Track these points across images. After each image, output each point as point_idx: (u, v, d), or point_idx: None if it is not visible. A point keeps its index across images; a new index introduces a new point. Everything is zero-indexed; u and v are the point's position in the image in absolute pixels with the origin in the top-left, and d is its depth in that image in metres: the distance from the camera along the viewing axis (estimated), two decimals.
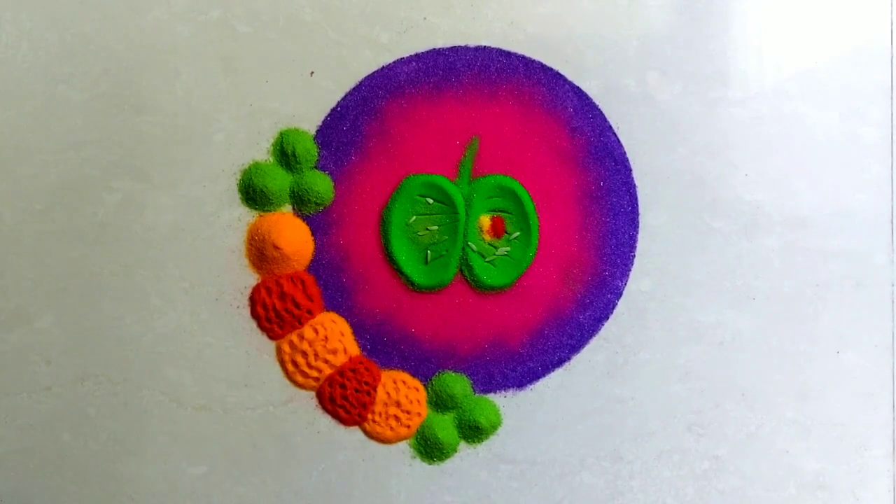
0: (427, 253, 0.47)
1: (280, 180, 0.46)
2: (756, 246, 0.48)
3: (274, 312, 0.46)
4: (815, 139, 0.48)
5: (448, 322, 0.47)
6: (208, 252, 0.46)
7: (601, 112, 0.47)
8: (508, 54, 0.47)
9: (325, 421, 0.47)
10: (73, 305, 0.45)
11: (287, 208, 0.46)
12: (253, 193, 0.46)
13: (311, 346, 0.46)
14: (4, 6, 0.45)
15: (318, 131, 0.46)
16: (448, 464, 0.47)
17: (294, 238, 0.46)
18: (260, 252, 0.46)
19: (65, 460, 0.46)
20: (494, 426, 0.47)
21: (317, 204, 0.46)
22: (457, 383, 0.47)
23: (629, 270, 0.48)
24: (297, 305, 0.46)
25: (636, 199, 0.48)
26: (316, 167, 0.46)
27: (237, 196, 0.46)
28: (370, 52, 0.46)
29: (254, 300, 0.46)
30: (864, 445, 0.49)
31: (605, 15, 0.47)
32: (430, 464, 0.47)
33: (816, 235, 0.48)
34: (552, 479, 0.48)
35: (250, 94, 0.46)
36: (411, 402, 0.47)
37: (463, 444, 0.47)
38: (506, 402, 0.47)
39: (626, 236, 0.48)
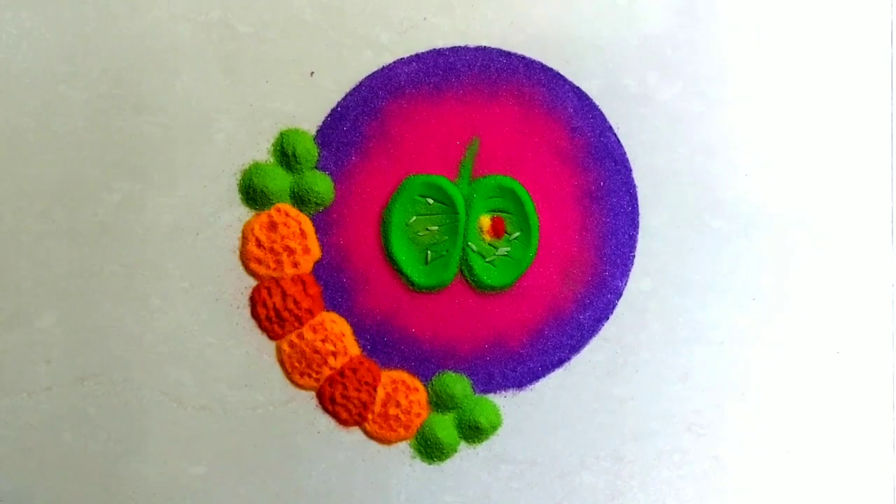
0: (427, 253, 0.47)
1: (280, 180, 0.46)
2: (756, 246, 0.48)
3: (274, 312, 0.46)
4: (815, 139, 0.48)
5: (448, 322, 0.47)
6: (208, 252, 0.46)
7: (601, 112, 0.47)
8: (508, 54, 0.47)
9: (325, 421, 0.47)
10: (74, 305, 0.46)
11: None
12: (253, 193, 0.46)
13: (310, 346, 0.46)
14: (4, 6, 0.45)
15: (318, 131, 0.46)
16: (448, 464, 0.47)
17: None
18: None
19: (65, 460, 0.46)
20: (494, 426, 0.47)
21: (317, 204, 0.46)
22: (457, 383, 0.47)
23: (629, 270, 0.48)
24: (298, 305, 0.46)
25: (636, 199, 0.48)
26: (316, 167, 0.46)
27: (237, 196, 0.46)
28: (370, 52, 0.46)
29: (254, 300, 0.46)
30: (864, 445, 0.49)
31: (605, 15, 0.47)
32: (430, 464, 0.47)
33: (816, 235, 0.48)
34: (552, 479, 0.48)
35: (250, 94, 0.46)
36: (411, 402, 0.47)
37: (463, 445, 0.47)
38: (506, 402, 0.48)
39: (626, 236, 0.48)
